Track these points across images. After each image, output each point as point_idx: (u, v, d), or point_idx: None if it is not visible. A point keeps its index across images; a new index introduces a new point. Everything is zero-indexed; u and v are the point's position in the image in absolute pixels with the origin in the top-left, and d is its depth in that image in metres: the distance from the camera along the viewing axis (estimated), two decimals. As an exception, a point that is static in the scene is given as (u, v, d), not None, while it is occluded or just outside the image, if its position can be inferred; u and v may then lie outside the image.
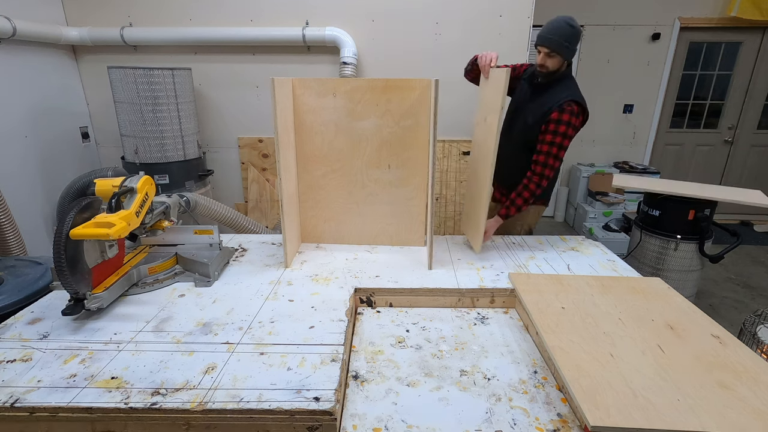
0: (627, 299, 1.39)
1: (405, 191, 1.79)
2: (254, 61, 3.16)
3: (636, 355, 1.11)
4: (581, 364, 1.06)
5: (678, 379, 1.02)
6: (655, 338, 1.18)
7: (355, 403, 1.01)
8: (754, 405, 0.94)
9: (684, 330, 1.22)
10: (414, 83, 1.66)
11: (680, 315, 1.30)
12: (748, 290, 3.50)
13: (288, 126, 1.61)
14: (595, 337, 1.18)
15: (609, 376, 1.02)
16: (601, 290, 1.44)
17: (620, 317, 1.28)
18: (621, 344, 1.15)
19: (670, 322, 1.26)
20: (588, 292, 1.43)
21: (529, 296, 1.39)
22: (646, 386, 1.00)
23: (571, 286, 1.47)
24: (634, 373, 1.04)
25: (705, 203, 2.47)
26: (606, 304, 1.36)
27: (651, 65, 4.64)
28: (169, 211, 1.57)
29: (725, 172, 5.08)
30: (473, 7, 2.98)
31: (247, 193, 3.46)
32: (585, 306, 1.34)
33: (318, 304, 1.36)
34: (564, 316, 1.28)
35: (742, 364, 1.08)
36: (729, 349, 1.14)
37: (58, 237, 1.13)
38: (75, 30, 3.01)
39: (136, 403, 0.92)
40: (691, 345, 1.15)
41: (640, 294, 1.43)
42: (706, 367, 1.07)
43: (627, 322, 1.25)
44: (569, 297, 1.39)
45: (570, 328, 1.22)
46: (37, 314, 1.28)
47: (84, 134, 3.27)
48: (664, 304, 1.37)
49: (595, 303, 1.36)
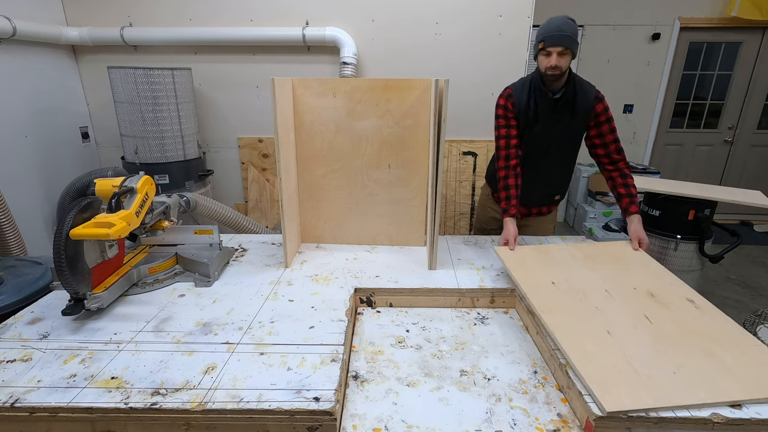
0: (609, 268, 1.48)
1: (405, 191, 1.79)
2: (254, 61, 3.16)
3: (628, 329, 1.17)
4: (585, 347, 1.10)
5: (670, 351, 1.09)
6: (641, 308, 1.26)
7: (355, 403, 1.01)
8: (735, 370, 1.03)
9: (664, 296, 1.32)
10: (414, 83, 1.66)
11: (656, 280, 1.40)
12: (748, 290, 3.50)
13: (288, 126, 1.61)
14: (589, 314, 1.24)
15: (611, 357, 1.07)
16: (584, 261, 1.52)
17: (606, 288, 1.36)
18: (613, 319, 1.21)
19: (650, 289, 1.35)
20: (572, 264, 1.51)
21: (518, 273, 1.44)
22: (644, 362, 1.05)
23: (555, 257, 1.54)
24: (632, 350, 1.09)
25: (705, 203, 2.47)
26: (591, 275, 1.44)
27: (651, 65, 4.64)
28: (169, 211, 1.57)
29: (725, 172, 5.08)
30: (473, 7, 2.98)
31: (247, 193, 3.46)
32: (573, 280, 1.41)
33: (318, 304, 1.36)
34: (556, 293, 1.33)
35: (719, 330, 1.18)
36: (705, 313, 1.24)
37: (58, 237, 1.13)
38: (75, 30, 3.01)
39: (136, 403, 0.91)
40: (672, 312, 1.25)
41: (619, 261, 1.52)
42: (690, 334, 1.15)
43: (614, 293, 1.33)
44: (556, 271, 1.46)
45: (564, 306, 1.27)
46: (37, 314, 1.28)
47: (84, 134, 3.27)
48: (642, 269, 1.47)
49: (583, 275, 1.43)
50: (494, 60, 3.04)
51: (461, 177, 3.30)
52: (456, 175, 3.30)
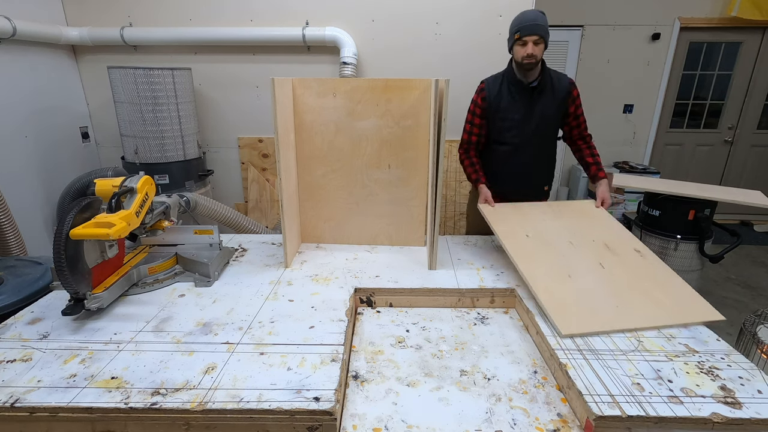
0: (574, 223, 1.72)
1: (405, 191, 1.79)
2: (254, 61, 3.16)
3: (585, 273, 1.44)
4: (549, 286, 1.37)
5: (615, 290, 1.37)
6: (597, 257, 1.52)
7: (355, 403, 1.01)
8: (665, 303, 1.32)
9: (616, 247, 1.58)
10: (414, 83, 1.66)
11: (612, 234, 1.66)
12: (748, 290, 3.50)
13: (288, 126, 1.61)
14: (555, 260, 1.49)
15: (569, 294, 1.34)
16: (553, 217, 1.77)
17: (571, 240, 1.60)
18: (574, 265, 1.47)
19: (605, 241, 1.61)
20: (543, 219, 1.75)
21: (498, 226, 1.67)
22: (595, 298, 1.33)
23: (529, 214, 1.78)
24: (585, 289, 1.37)
25: (705, 203, 2.47)
26: (559, 229, 1.68)
27: (651, 65, 4.64)
28: (169, 211, 1.57)
29: (725, 172, 5.08)
30: (473, 7, 2.98)
31: (247, 193, 3.46)
32: (544, 232, 1.65)
33: (318, 304, 1.36)
34: (529, 243, 1.58)
35: (656, 273, 1.45)
36: (648, 260, 1.52)
37: (58, 237, 1.13)
38: (75, 30, 3.01)
39: (136, 403, 0.91)
40: (622, 260, 1.51)
41: (583, 217, 1.78)
42: (633, 277, 1.42)
43: (576, 244, 1.58)
44: (530, 225, 1.70)
45: (536, 254, 1.52)
46: (37, 314, 1.28)
47: (84, 134, 3.27)
48: (601, 225, 1.73)
49: (551, 229, 1.67)
50: (494, 60, 3.04)
51: (461, 177, 3.30)
52: (456, 175, 3.30)
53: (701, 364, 1.07)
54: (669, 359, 1.09)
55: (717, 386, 0.99)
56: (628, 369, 1.04)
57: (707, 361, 1.09)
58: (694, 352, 1.12)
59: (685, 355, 1.11)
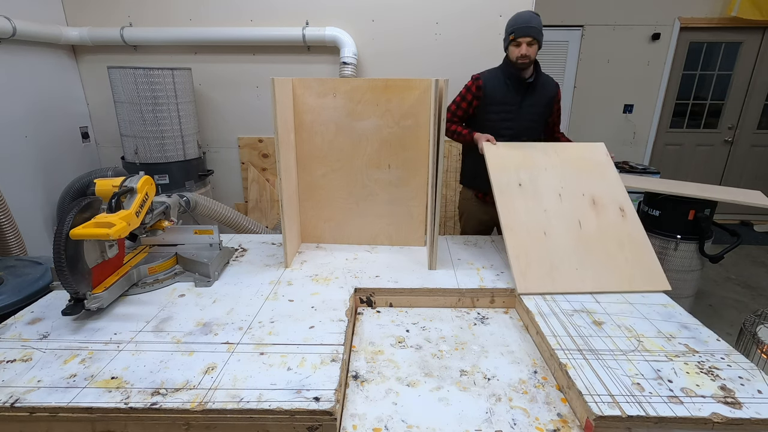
0: (571, 172, 1.70)
1: (405, 191, 1.79)
2: (254, 61, 3.16)
3: (561, 231, 1.53)
4: (522, 243, 1.49)
5: (582, 251, 1.49)
6: (579, 213, 1.58)
7: (355, 403, 1.01)
8: (623, 268, 1.45)
9: (602, 203, 1.61)
10: (414, 83, 1.66)
11: (604, 186, 1.66)
12: (748, 290, 3.50)
13: (288, 126, 1.61)
14: (537, 216, 1.56)
15: (539, 253, 1.47)
16: (553, 162, 1.74)
17: (560, 192, 1.63)
18: (554, 221, 1.55)
19: (594, 194, 1.63)
20: (543, 165, 1.73)
21: (495, 174, 1.68)
22: (560, 259, 1.46)
23: (531, 157, 1.76)
24: (556, 249, 1.49)
25: (705, 203, 2.47)
26: (553, 178, 1.68)
27: (651, 65, 4.64)
28: (169, 211, 1.57)
29: (725, 172, 5.08)
30: (473, 7, 2.98)
31: (247, 193, 3.46)
32: (537, 181, 1.66)
33: (318, 304, 1.36)
34: (519, 196, 1.62)
35: (630, 235, 1.53)
36: (627, 221, 1.57)
37: (58, 237, 1.13)
38: (75, 30, 3.01)
39: (136, 403, 0.91)
40: (602, 218, 1.57)
41: (584, 164, 1.74)
42: (604, 237, 1.52)
43: (564, 197, 1.62)
44: (527, 172, 1.69)
45: (521, 208, 1.58)
46: (37, 314, 1.28)
47: (84, 134, 3.27)
48: (597, 174, 1.70)
49: (547, 177, 1.68)
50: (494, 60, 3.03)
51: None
52: (456, 175, 3.30)
53: (701, 364, 1.07)
54: (669, 359, 1.09)
55: (717, 386, 0.99)
56: (628, 369, 1.04)
57: (707, 361, 1.09)
58: (694, 352, 1.12)
59: (685, 355, 1.11)
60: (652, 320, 1.27)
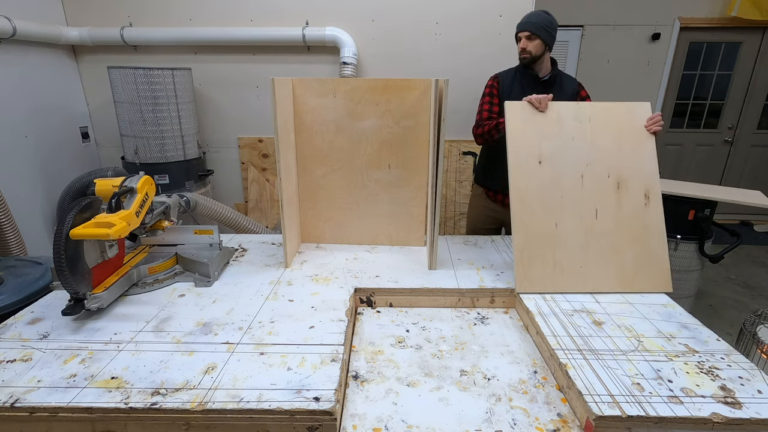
0: (602, 143, 1.50)
1: (405, 191, 1.79)
2: (254, 61, 3.16)
3: (574, 222, 1.43)
4: (530, 236, 1.41)
5: (590, 248, 1.41)
6: (598, 200, 1.45)
7: (355, 403, 1.01)
8: (627, 267, 1.40)
9: (628, 187, 1.47)
10: (414, 83, 1.66)
11: (635, 164, 1.48)
12: (748, 290, 3.50)
13: (288, 126, 1.61)
14: (551, 204, 1.44)
15: (545, 249, 1.40)
16: (584, 129, 1.51)
17: (584, 172, 1.47)
18: (569, 210, 1.44)
19: (621, 176, 1.47)
20: (571, 133, 1.50)
21: (514, 144, 1.48)
22: (567, 256, 1.39)
23: (558, 121, 1.52)
24: (564, 244, 1.41)
25: (705, 203, 2.47)
26: (580, 150, 1.49)
27: (651, 65, 4.64)
28: (169, 211, 1.57)
29: (725, 172, 5.08)
30: (473, 7, 2.98)
31: (247, 193, 3.46)
32: (560, 157, 1.48)
33: (318, 304, 1.36)
34: (535, 177, 1.46)
35: (647, 227, 1.44)
36: (649, 209, 1.45)
37: (58, 237, 1.13)
38: (75, 30, 3.01)
39: (136, 403, 0.91)
40: (622, 206, 1.45)
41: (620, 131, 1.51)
42: (618, 230, 1.43)
43: (586, 178, 1.47)
44: (551, 143, 1.49)
45: (535, 193, 1.45)
46: (37, 314, 1.28)
47: (84, 134, 3.27)
48: (633, 147, 1.49)
49: (572, 151, 1.49)
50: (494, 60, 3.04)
51: (461, 177, 3.30)
52: (456, 175, 3.30)
53: (701, 364, 1.07)
54: (669, 359, 1.09)
55: (717, 386, 0.99)
56: (628, 369, 1.04)
57: (707, 361, 1.09)
58: (694, 352, 1.12)
59: (685, 355, 1.11)
60: (652, 320, 1.27)
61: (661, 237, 1.44)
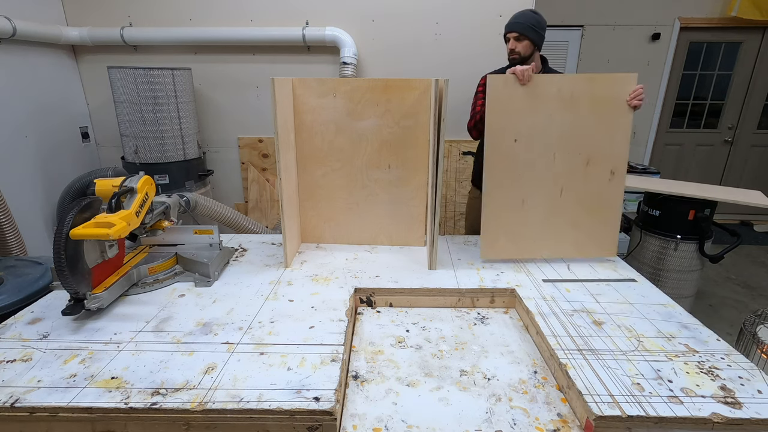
0: (579, 119, 1.54)
1: (405, 191, 1.79)
2: (254, 61, 3.16)
3: (540, 199, 1.57)
4: (498, 211, 1.57)
5: (552, 223, 1.58)
6: (566, 178, 1.56)
7: (355, 403, 1.01)
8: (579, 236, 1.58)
9: (595, 164, 1.56)
10: (414, 83, 1.66)
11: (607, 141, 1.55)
12: (748, 290, 3.50)
13: (288, 126, 1.61)
14: (521, 181, 1.56)
15: (511, 222, 1.56)
16: (565, 105, 1.53)
17: (556, 151, 1.55)
18: (537, 187, 1.56)
19: (593, 154, 1.55)
20: (551, 109, 1.53)
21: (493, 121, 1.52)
22: (529, 229, 1.57)
23: (538, 97, 1.53)
24: (528, 219, 1.57)
25: (705, 203, 2.47)
26: (559, 126, 1.54)
27: (651, 65, 4.64)
28: (169, 211, 1.57)
29: (725, 172, 5.08)
30: (473, 7, 2.98)
31: (247, 193, 3.46)
32: (536, 134, 1.54)
33: (318, 304, 1.36)
34: (510, 155, 1.55)
35: (605, 201, 1.56)
36: (612, 185, 1.56)
37: (58, 237, 1.13)
38: (75, 30, 3.01)
39: (136, 403, 0.91)
40: (587, 183, 1.56)
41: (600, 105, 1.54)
42: (578, 205, 1.57)
43: (558, 157, 1.55)
44: (529, 120, 1.54)
45: (509, 170, 1.55)
46: (37, 314, 1.28)
47: (84, 134, 3.28)
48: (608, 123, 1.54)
49: (548, 129, 1.54)
50: (494, 60, 3.04)
51: (461, 177, 3.30)
52: (456, 175, 3.30)
53: (701, 364, 1.07)
54: (669, 359, 1.09)
55: (717, 386, 0.99)
56: (628, 369, 1.04)
57: (707, 361, 1.09)
58: (694, 352, 1.12)
59: (685, 355, 1.11)
60: (652, 320, 1.27)
61: (617, 210, 1.58)
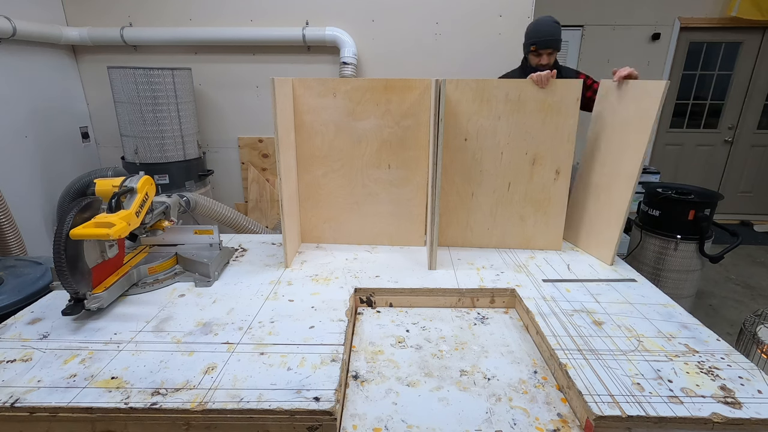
0: (525, 122, 1.64)
1: (405, 191, 1.79)
2: (254, 61, 3.17)
3: (489, 193, 1.71)
4: (450, 205, 1.72)
5: (500, 215, 1.72)
6: (513, 175, 1.69)
7: (355, 403, 1.01)
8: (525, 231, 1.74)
9: (541, 164, 1.67)
10: (414, 83, 1.66)
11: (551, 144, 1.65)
12: (748, 290, 3.50)
13: (288, 126, 1.61)
14: (471, 175, 1.69)
15: (461, 214, 1.72)
16: (513, 108, 1.64)
17: (503, 150, 1.66)
18: (484, 183, 1.70)
19: (538, 154, 1.66)
20: (499, 112, 1.64)
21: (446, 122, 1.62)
22: (479, 220, 1.72)
23: (489, 102, 1.64)
24: (478, 210, 1.72)
25: (705, 203, 2.47)
26: (506, 127, 1.65)
27: (651, 65, 4.64)
28: (169, 211, 1.57)
29: (725, 172, 5.08)
30: (473, 7, 2.98)
31: (247, 193, 3.46)
32: (484, 135, 1.67)
33: (318, 304, 1.36)
34: (462, 150, 1.68)
35: (551, 198, 1.69)
36: (557, 183, 1.67)
37: (58, 237, 1.13)
38: (75, 30, 3.01)
39: (136, 403, 0.91)
40: (534, 180, 1.68)
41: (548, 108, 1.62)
42: (526, 200, 1.70)
43: (505, 156, 1.67)
44: (479, 120, 1.66)
45: (459, 166, 1.69)
46: (37, 314, 1.28)
47: (84, 134, 3.28)
48: (555, 126, 1.64)
49: (498, 129, 1.66)
50: (494, 60, 3.05)
51: (461, 177, 3.30)
52: (456, 175, 3.30)
53: (701, 364, 1.07)
54: (669, 359, 1.09)
55: (717, 386, 0.99)
56: (628, 369, 1.04)
57: (707, 361, 1.09)
58: (694, 352, 1.12)
59: (685, 355, 1.11)
60: (652, 320, 1.27)
61: (561, 207, 1.70)
